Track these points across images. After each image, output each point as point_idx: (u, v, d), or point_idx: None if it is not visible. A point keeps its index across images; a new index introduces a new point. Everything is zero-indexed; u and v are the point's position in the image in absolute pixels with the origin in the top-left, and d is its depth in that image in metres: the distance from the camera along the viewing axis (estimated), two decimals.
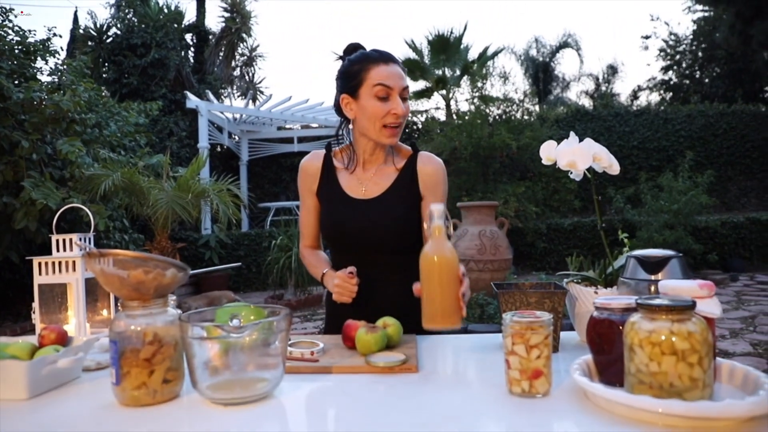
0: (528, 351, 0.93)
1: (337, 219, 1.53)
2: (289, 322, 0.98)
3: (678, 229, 7.95)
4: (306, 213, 1.65)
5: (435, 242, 1.04)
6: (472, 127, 8.76)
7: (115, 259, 0.95)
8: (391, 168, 1.56)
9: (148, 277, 0.95)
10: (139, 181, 5.28)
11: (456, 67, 11.89)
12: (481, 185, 8.88)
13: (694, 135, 10.96)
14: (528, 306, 1.21)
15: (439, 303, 1.03)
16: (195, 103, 9.24)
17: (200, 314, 1.05)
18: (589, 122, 11.28)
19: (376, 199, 1.52)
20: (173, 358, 0.99)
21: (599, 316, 0.96)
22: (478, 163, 8.93)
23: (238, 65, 16.88)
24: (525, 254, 9.27)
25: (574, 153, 1.17)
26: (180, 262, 0.99)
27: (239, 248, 8.66)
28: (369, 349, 1.21)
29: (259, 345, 0.94)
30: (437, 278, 1.03)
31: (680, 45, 16.60)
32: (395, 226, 1.50)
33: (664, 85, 17.09)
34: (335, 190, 1.56)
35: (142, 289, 0.96)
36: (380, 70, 1.44)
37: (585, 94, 20.58)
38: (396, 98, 1.44)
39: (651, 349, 0.82)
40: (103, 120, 5.89)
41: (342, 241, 1.54)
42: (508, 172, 9.32)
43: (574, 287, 1.30)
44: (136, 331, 0.97)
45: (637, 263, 1.13)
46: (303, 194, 1.64)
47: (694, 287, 0.93)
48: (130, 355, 0.96)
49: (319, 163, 1.61)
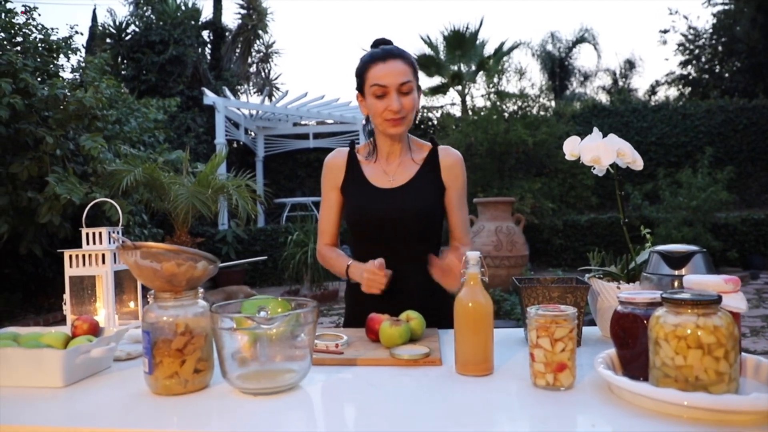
0: (553, 344, 0.94)
1: (364, 208, 1.57)
2: (317, 314, 1.00)
3: (697, 225, 7.86)
4: (328, 209, 1.68)
5: (470, 289, 1.05)
6: (488, 123, 8.73)
7: (148, 252, 0.97)
8: (414, 160, 1.62)
9: (181, 269, 0.98)
10: (160, 177, 5.34)
11: (471, 62, 11.85)
12: (497, 181, 8.85)
13: (713, 131, 10.79)
14: (550, 301, 1.22)
15: (472, 350, 1.04)
16: (212, 99, 9.30)
17: (227, 307, 1.07)
18: (606, 118, 11.16)
19: (403, 187, 1.58)
20: (204, 348, 1.02)
21: (624, 311, 0.97)
22: (494, 159, 8.90)
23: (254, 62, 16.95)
24: (541, 250, 9.22)
25: (598, 148, 1.17)
26: (210, 254, 1.01)
27: (255, 244, 8.73)
28: (393, 342, 1.22)
29: (287, 336, 0.96)
30: (472, 325, 1.04)
31: (699, 39, 16.34)
32: (422, 211, 1.55)
33: (682, 79, 16.85)
34: (361, 181, 1.61)
35: (175, 281, 0.99)
36: (377, 70, 1.49)
37: (602, 89, 20.37)
38: (392, 95, 1.48)
39: (677, 343, 0.82)
40: (123, 116, 5.97)
41: (368, 230, 1.58)
42: (524, 168, 9.27)
43: (596, 282, 1.30)
44: (168, 322, 0.99)
45: (660, 258, 1.13)
46: (326, 190, 1.67)
47: (719, 282, 0.94)
48: (163, 345, 0.98)
49: (343, 158, 1.65)
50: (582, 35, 19.00)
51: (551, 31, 23.97)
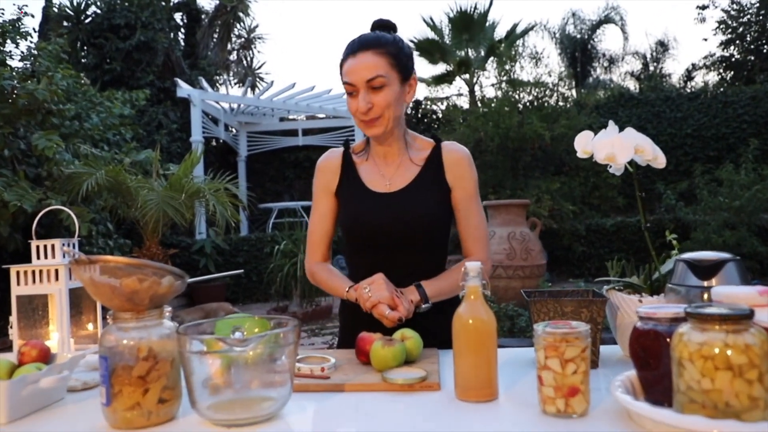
0: (563, 366, 0.94)
1: (358, 214, 1.59)
2: (298, 334, 1.01)
3: (740, 229, 7.86)
4: (319, 218, 1.69)
5: (470, 304, 1.06)
6: (500, 116, 8.76)
7: (106, 267, 0.98)
8: (415, 160, 1.64)
9: (143, 285, 0.99)
10: (126, 180, 5.35)
11: (481, 47, 11.88)
12: (510, 181, 8.87)
13: (759, 120, 10.78)
14: (563, 316, 1.23)
15: (473, 373, 1.05)
16: (187, 91, 9.33)
17: (198, 327, 1.07)
18: (634, 108, 11.19)
19: (401, 192, 1.59)
20: (170, 375, 1.02)
21: (644, 327, 0.97)
22: (507, 156, 8.92)
23: (234, 48, 17.00)
24: (561, 259, 9.23)
25: (613, 144, 1.18)
26: (177, 269, 1.02)
27: (238, 254, 8.74)
28: (386, 364, 1.22)
29: (264, 360, 0.97)
30: (473, 345, 1.05)
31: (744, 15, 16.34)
32: (422, 218, 1.56)
33: (723, 62, 16.86)
34: (357, 185, 1.63)
35: (136, 299, 0.99)
36: (347, 65, 1.52)
37: (630, 75, 20.40)
38: (360, 93, 1.50)
39: (703, 364, 0.82)
40: (83, 111, 5.99)
41: (363, 238, 1.59)
42: (541, 165, 9.29)
43: (615, 295, 1.31)
44: (129, 346, 1.00)
45: (687, 267, 1.14)
46: (318, 195, 1.69)
47: (752, 294, 0.94)
48: (122, 372, 0.99)
49: (338, 160, 1.68)
50: (607, 14, 19.07)
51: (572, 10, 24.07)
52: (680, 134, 10.90)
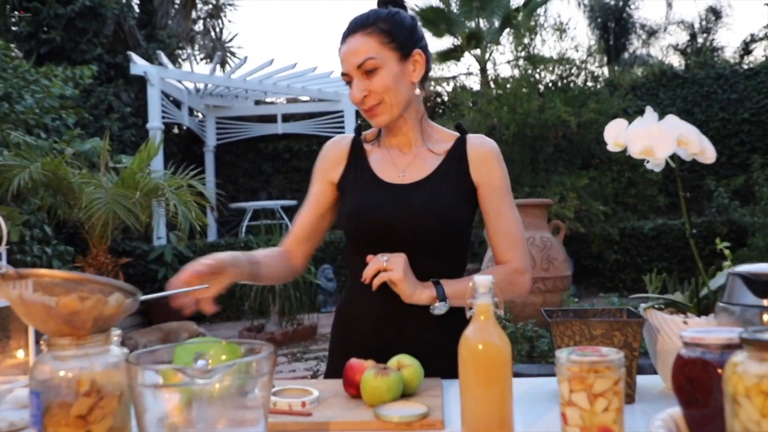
0: (591, 401, 0.94)
1: (366, 205, 1.64)
2: (274, 362, 1.00)
3: None
4: (306, 205, 1.76)
5: (479, 326, 1.05)
6: (516, 99, 8.77)
7: (39, 282, 0.97)
8: (434, 153, 1.71)
9: (85, 305, 0.98)
10: (68, 175, 5.33)
11: (494, 17, 11.89)
12: (529, 177, 8.88)
13: None
14: (591, 341, 1.23)
15: (484, 409, 1.04)
16: (142, 68, 9.31)
17: (153, 354, 1.06)
18: (678, 88, 11.21)
19: (417, 184, 1.65)
20: (117, 413, 1.01)
21: (690, 355, 0.97)
22: (525, 146, 8.94)
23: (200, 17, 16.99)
24: (589, 270, 9.25)
25: (651, 135, 1.18)
26: (127, 284, 1.02)
27: None
28: (379, 398, 1.22)
29: (233, 394, 0.96)
30: (483, 375, 1.04)
31: None
32: (439, 215, 1.60)
33: None
34: (365, 174, 1.70)
35: (77, 321, 0.99)
36: (340, 54, 1.63)
37: (674, 49, 20.48)
38: (354, 82, 1.60)
39: (763, 401, 0.82)
40: (14, 90, 5.97)
41: (370, 234, 1.62)
42: (566, 158, 9.31)
43: (654, 315, 1.30)
44: (67, 379, 0.98)
45: (742, 282, 1.14)
46: (314, 180, 1.76)
47: None
48: (59, 411, 0.98)
49: (346, 147, 1.76)
50: None
51: None
52: (735, 120, 10.93)
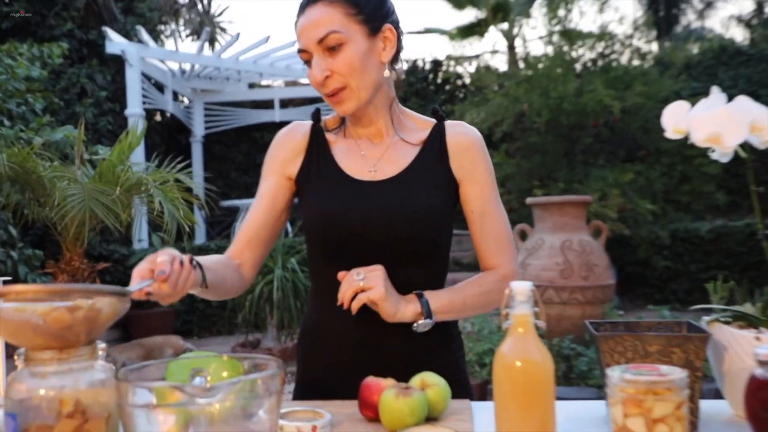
0: (650, 427, 0.93)
1: (331, 207, 1.59)
2: (283, 380, 0.99)
3: None
4: (258, 202, 1.69)
5: (517, 340, 1.03)
6: (550, 81, 8.75)
7: (21, 300, 0.97)
8: (409, 143, 1.67)
9: (76, 317, 0.97)
10: (37, 168, 5.34)
11: None
12: (565, 171, 8.86)
13: None
14: (646, 358, 1.21)
15: (522, 429, 1.02)
16: (120, 46, 9.32)
17: (143, 371, 1.05)
18: (742, 67, 11.13)
19: (391, 181, 1.61)
20: None
21: (764, 376, 0.97)
22: (560, 136, 8.92)
23: None
24: (635, 278, 9.23)
25: (719, 120, 1.16)
26: (114, 286, 1.01)
27: None
28: (401, 422, 1.21)
29: (236, 416, 0.95)
30: (521, 396, 1.02)
31: None
32: (416, 215, 1.56)
33: None
34: (329, 169, 1.64)
35: (70, 336, 0.98)
36: (297, 27, 1.56)
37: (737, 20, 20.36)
38: (314, 60, 1.53)
39: None
40: None
41: (337, 242, 1.59)
42: (607, 149, 9.27)
43: (720, 329, 1.29)
44: (48, 398, 0.98)
45: None
46: (265, 174, 1.70)
47: None
48: None
49: (304, 137, 1.70)
50: None
51: None
52: None
